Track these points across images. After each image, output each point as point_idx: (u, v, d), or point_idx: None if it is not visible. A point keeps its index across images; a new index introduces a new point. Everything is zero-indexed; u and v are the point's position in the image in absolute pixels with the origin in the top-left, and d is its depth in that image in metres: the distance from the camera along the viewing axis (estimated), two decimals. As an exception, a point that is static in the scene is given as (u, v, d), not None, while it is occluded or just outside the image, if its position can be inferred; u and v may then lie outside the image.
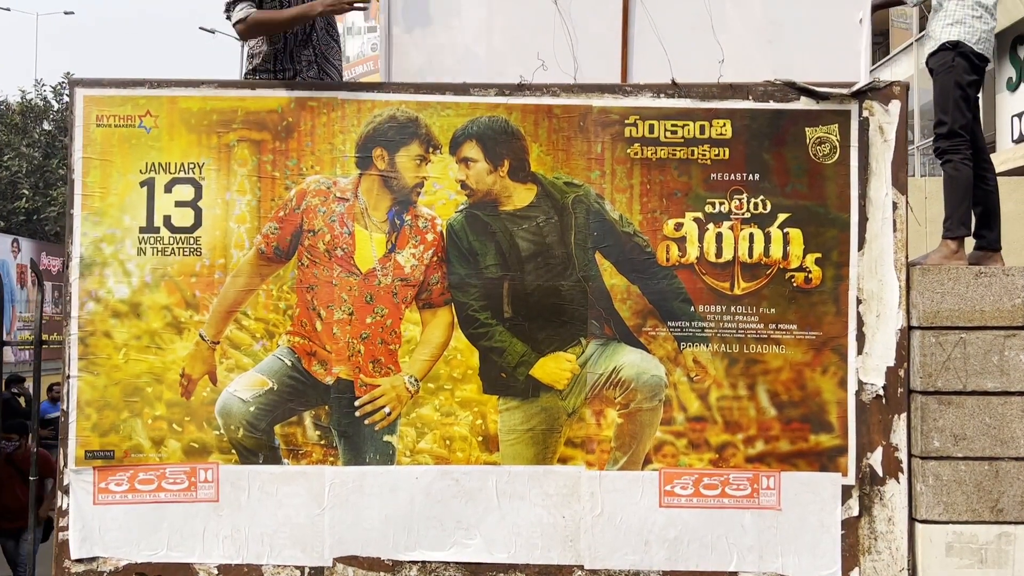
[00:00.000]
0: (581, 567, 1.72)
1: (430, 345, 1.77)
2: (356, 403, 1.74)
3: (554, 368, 1.77)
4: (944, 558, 1.72)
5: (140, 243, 1.73)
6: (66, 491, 1.70)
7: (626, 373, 1.77)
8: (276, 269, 1.76)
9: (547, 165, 1.80)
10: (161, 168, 1.74)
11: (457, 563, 1.73)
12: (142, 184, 1.74)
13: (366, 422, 1.74)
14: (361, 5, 1.84)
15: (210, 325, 1.73)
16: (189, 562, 1.70)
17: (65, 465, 1.70)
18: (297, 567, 1.71)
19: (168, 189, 1.74)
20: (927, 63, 2.03)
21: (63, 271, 1.79)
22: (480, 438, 1.77)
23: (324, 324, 1.75)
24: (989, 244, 1.91)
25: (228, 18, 1.87)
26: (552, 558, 1.72)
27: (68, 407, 1.70)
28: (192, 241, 1.73)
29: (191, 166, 1.74)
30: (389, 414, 1.75)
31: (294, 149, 1.76)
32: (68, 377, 1.71)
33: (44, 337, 2.33)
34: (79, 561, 1.69)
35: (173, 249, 1.74)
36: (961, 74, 1.86)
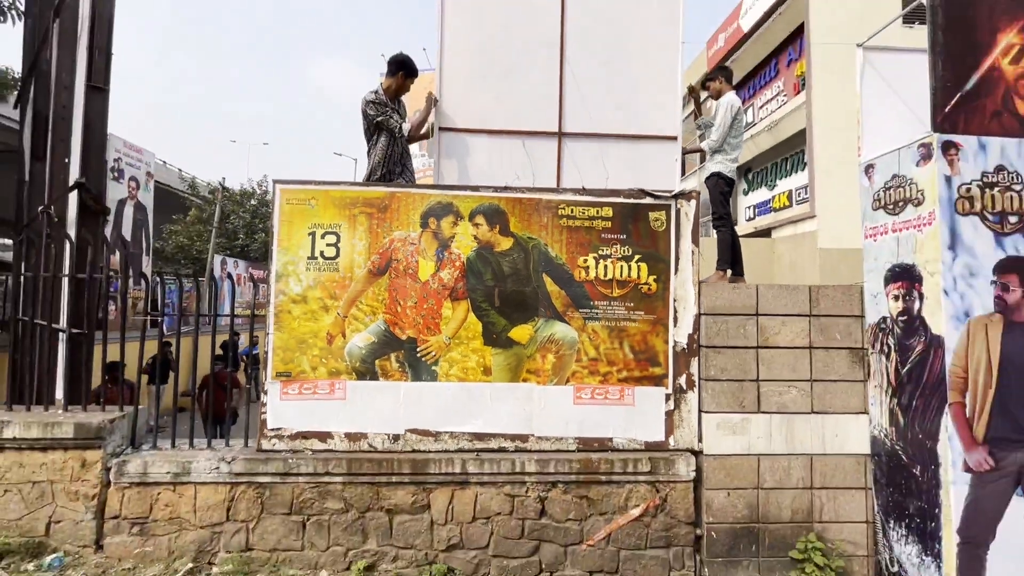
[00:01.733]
0: (532, 434, 3.32)
1: (456, 320, 3.38)
2: (418, 350, 3.34)
3: (521, 332, 3.39)
4: (716, 430, 3.36)
5: (307, 265, 3.32)
6: (265, 392, 3.24)
7: (558, 336, 3.40)
8: (377, 279, 3.35)
9: (519, 228, 3.44)
10: (318, 226, 3.35)
11: (469, 432, 3.30)
12: (308, 234, 3.34)
13: (423, 359, 3.33)
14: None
15: (343, 307, 3.31)
16: (330, 430, 3.24)
17: (265, 379, 3.25)
18: (386, 433, 3.26)
19: (323, 236, 3.34)
20: (705, 181, 3.83)
21: (266, 278, 3.36)
22: (482, 369, 3.36)
23: (401, 308, 3.35)
24: (737, 273, 3.66)
25: (380, 124, 3.62)
26: (518, 429, 3.31)
27: (268, 349, 3.25)
28: (335, 264, 3.33)
29: (335, 225, 3.35)
30: (435, 355, 3.34)
31: (388, 217, 3.39)
32: (267, 333, 3.27)
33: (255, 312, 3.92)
34: (272, 429, 3.22)
35: (324, 268, 3.33)
36: (722, 187, 3.63)
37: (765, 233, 12.23)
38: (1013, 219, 2.92)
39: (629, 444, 3.33)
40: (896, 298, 3.15)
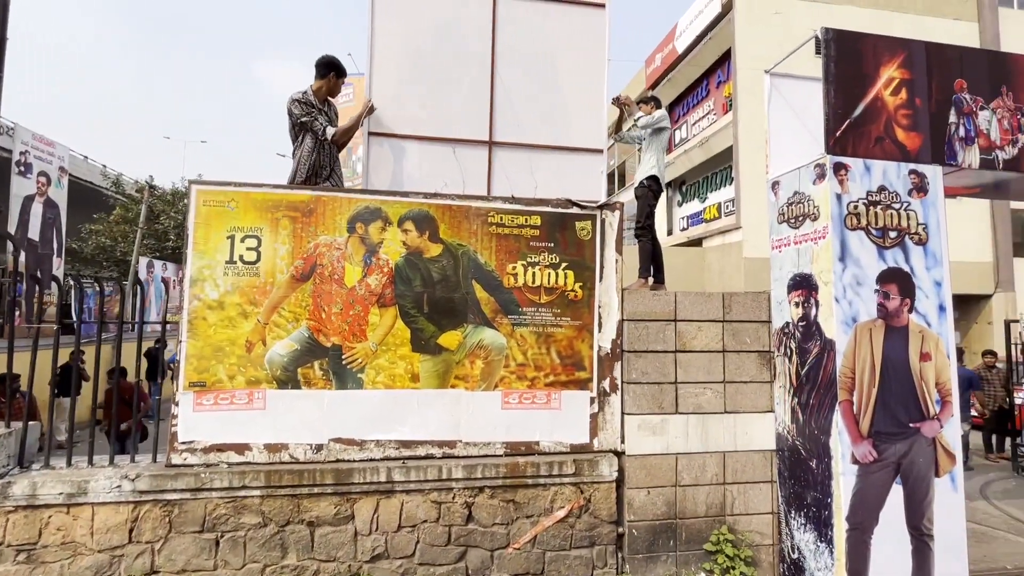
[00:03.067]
0: (460, 440, 3.33)
1: (384, 327, 3.35)
2: (343, 357, 3.27)
3: (450, 339, 3.41)
4: (637, 431, 3.51)
5: (226, 269, 3.18)
6: (177, 404, 3.07)
7: (487, 342, 3.44)
8: (301, 285, 3.26)
9: (449, 235, 3.46)
10: (238, 229, 3.22)
11: (396, 440, 3.27)
12: (227, 237, 3.21)
13: (349, 367, 3.27)
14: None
15: (264, 314, 3.19)
16: (248, 442, 3.11)
17: (177, 389, 3.07)
18: (308, 443, 3.17)
19: (243, 240, 3.22)
20: (635, 192, 4.02)
21: (181, 283, 3.19)
22: (410, 376, 3.34)
23: (326, 315, 3.28)
24: (659, 281, 3.86)
25: (304, 124, 3.54)
26: (446, 435, 3.32)
27: (181, 358, 3.08)
28: (256, 269, 3.21)
29: (256, 228, 3.23)
30: (361, 362, 3.29)
31: (314, 221, 3.31)
32: (180, 341, 3.10)
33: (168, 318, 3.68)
34: (183, 442, 3.04)
35: (244, 272, 3.20)
36: (650, 199, 3.83)
37: (697, 243, 12.89)
38: (893, 234, 3.26)
39: (555, 447, 3.41)
40: (797, 305, 3.42)
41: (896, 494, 3.05)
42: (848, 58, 3.34)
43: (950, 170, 3.43)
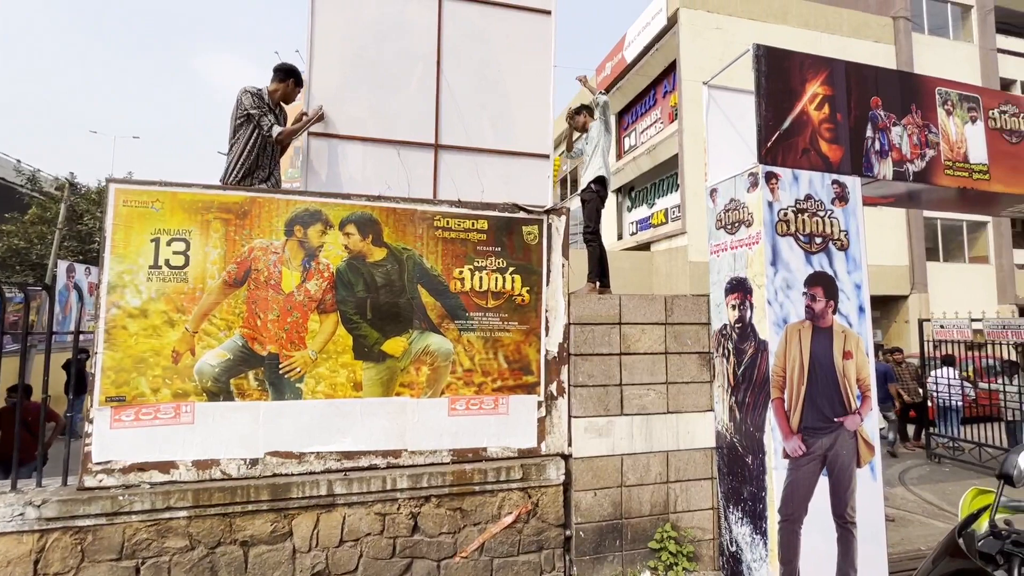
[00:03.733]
0: (406, 449, 3.25)
1: (324, 334, 3.22)
2: (280, 366, 3.12)
3: (395, 345, 3.33)
4: (584, 434, 3.55)
5: (149, 275, 2.97)
6: (91, 422, 2.82)
7: (433, 348, 3.38)
8: (234, 291, 3.09)
9: (393, 238, 3.39)
10: (164, 231, 3.01)
11: (338, 451, 3.15)
12: (151, 240, 2.99)
13: (287, 376, 3.12)
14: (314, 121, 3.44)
15: (193, 322, 3.00)
16: (174, 459, 2.91)
17: (92, 405, 2.83)
18: (242, 458, 3.00)
19: (169, 243, 3.01)
20: (582, 196, 4.09)
21: (96, 289, 2.94)
22: (352, 384, 3.24)
23: (262, 322, 3.12)
24: (604, 285, 3.94)
25: (250, 116, 3.37)
26: (391, 445, 3.23)
27: (96, 371, 2.84)
28: (183, 274, 3.01)
29: (185, 231, 3.04)
30: (300, 372, 3.15)
31: (248, 224, 3.15)
32: (96, 353, 2.86)
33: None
34: (98, 463, 2.80)
35: (170, 278, 3.00)
36: (597, 203, 3.90)
37: (646, 247, 13.29)
38: (818, 240, 3.46)
39: (503, 452, 3.39)
40: (733, 307, 3.57)
41: (823, 485, 3.23)
42: (777, 74, 3.53)
43: (868, 181, 3.68)
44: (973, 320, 6.88)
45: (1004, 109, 4.14)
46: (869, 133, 3.70)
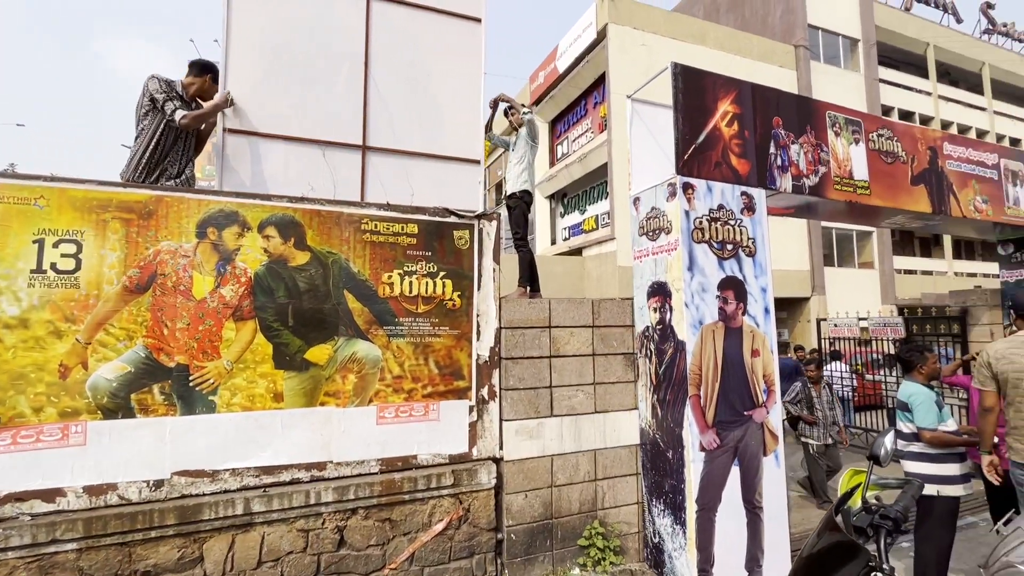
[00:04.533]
0: (331, 461, 3.13)
1: (241, 342, 3.03)
2: (190, 378, 2.90)
3: (319, 353, 3.19)
4: (515, 436, 3.59)
5: (31, 280, 2.65)
6: (-44, 447, 2.46)
7: (360, 355, 3.28)
8: (136, 297, 2.83)
9: (317, 242, 3.26)
10: (50, 232, 2.70)
11: (256, 467, 2.97)
12: (34, 241, 2.67)
13: (198, 389, 2.90)
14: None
15: (85, 332, 2.71)
16: (61, 486, 2.60)
17: (-43, 429, 2.47)
18: (144, 481, 2.75)
19: (56, 245, 2.71)
20: (507, 203, 4.17)
21: (-37, 297, 2.58)
22: (272, 395, 3.07)
23: (169, 331, 2.88)
24: (535, 289, 4.03)
25: (155, 103, 3.08)
26: (315, 457, 3.09)
27: (-38, 389, 2.49)
28: (74, 279, 2.72)
29: (76, 231, 2.74)
30: (213, 383, 2.94)
31: (154, 225, 2.90)
32: (-38, 369, 2.50)
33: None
34: (-34, 494, 2.45)
35: (57, 284, 2.69)
36: (524, 209, 3.97)
37: (578, 252, 13.69)
38: (729, 247, 3.73)
39: (434, 459, 3.35)
40: (655, 310, 3.76)
41: (734, 475, 3.48)
42: (693, 91, 3.78)
43: (771, 193, 4.02)
44: (860, 319, 7.71)
45: (881, 133, 4.69)
46: (772, 150, 4.05)
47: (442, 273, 3.51)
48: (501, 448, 3.50)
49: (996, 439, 3.08)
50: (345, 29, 3.68)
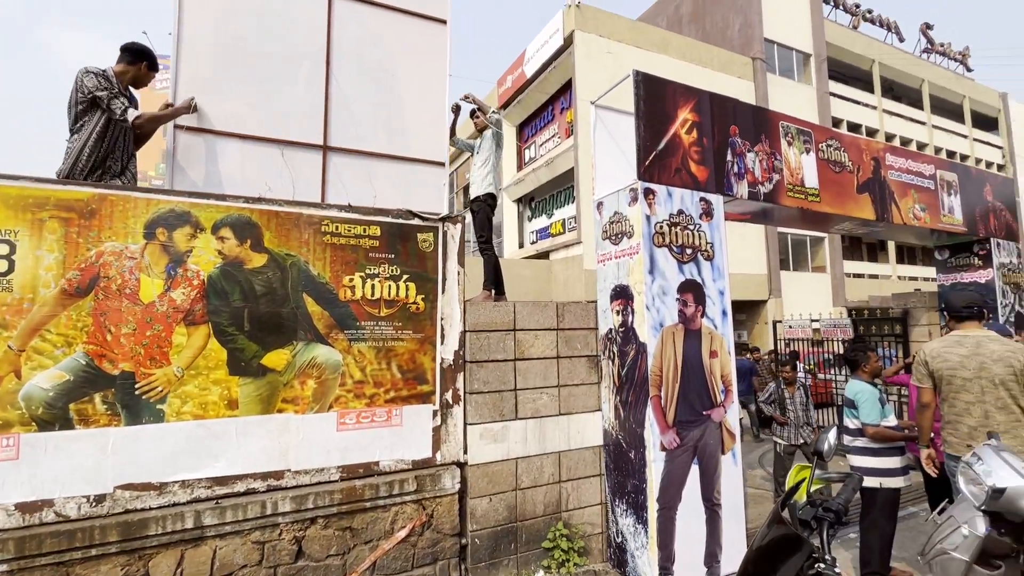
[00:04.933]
0: (289, 469, 3.04)
1: (193, 348, 2.91)
2: (137, 386, 2.75)
3: (277, 358, 3.09)
4: (479, 440, 3.58)
5: (-43, 282, 2.46)
6: None
7: (320, 359, 3.20)
8: (76, 301, 2.67)
9: (275, 244, 3.16)
10: (-21, 231, 2.52)
11: (208, 478, 2.85)
12: (-40, 242, 2.49)
13: (145, 397, 2.76)
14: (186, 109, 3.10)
15: (18, 338, 2.54)
16: (-11, 503, 2.42)
17: None
18: (85, 496, 2.59)
19: (-15, 246, 2.53)
20: (471, 207, 4.17)
21: None
22: (226, 403, 2.95)
23: (113, 336, 2.73)
24: (500, 292, 4.04)
25: (96, 100, 2.93)
26: (272, 466, 2.99)
27: None
28: (5, 282, 2.55)
29: (8, 231, 2.57)
30: (162, 391, 2.81)
31: (97, 225, 2.75)
32: None
33: None
34: None
35: (-13, 287, 2.51)
36: (488, 212, 3.98)
37: (545, 255, 13.80)
38: (689, 251, 3.83)
39: (396, 465, 3.30)
40: (617, 313, 3.82)
41: (694, 473, 3.56)
42: (654, 99, 3.87)
43: (728, 199, 4.16)
44: (813, 321, 8.06)
45: (830, 143, 4.93)
46: (729, 157, 4.19)
47: (405, 276, 3.47)
48: (465, 452, 3.48)
49: (932, 434, 3.27)
50: (306, 25, 3.60)
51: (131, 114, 3.11)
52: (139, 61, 3.27)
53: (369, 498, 3.12)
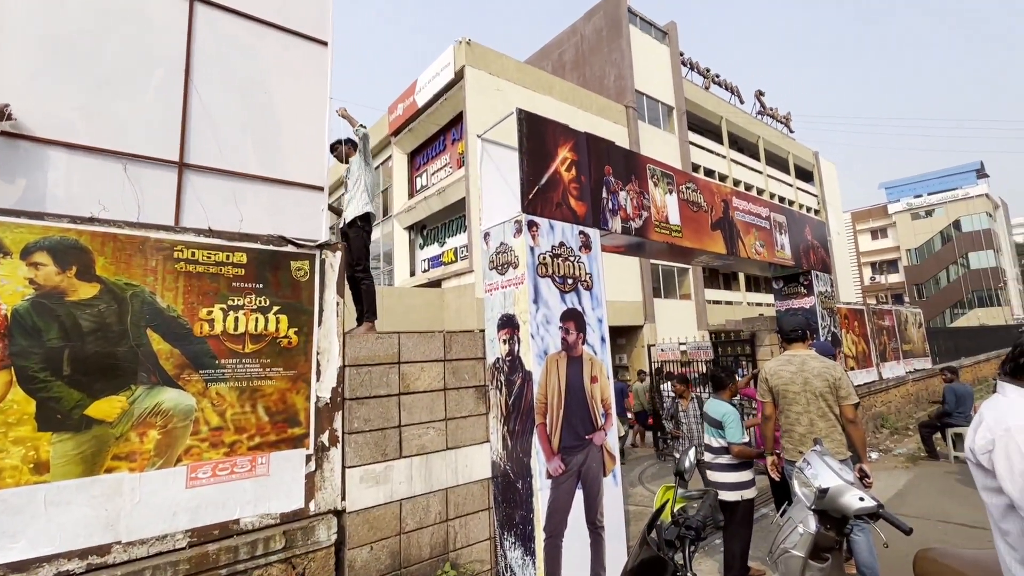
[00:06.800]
0: (119, 541, 2.54)
1: (-14, 400, 2.35)
2: None
3: (107, 407, 2.61)
4: (359, 484, 3.32)
5: None
6: None
7: (166, 405, 2.76)
8: None
9: (112, 272, 2.71)
10: None
11: (2, 564, 2.27)
12: None
13: (-95, 467, 2.14)
14: None
15: None
16: None
17: None
18: None
19: None
20: (348, 228, 4.01)
21: None
22: (31, 466, 2.40)
23: None
24: (373, 320, 3.89)
25: None
26: (96, 540, 2.48)
27: None
28: None
29: None
30: (-66, 458, 2.20)
31: None
32: None
33: None
34: None
35: None
36: (365, 238, 3.83)
37: (437, 284, 13.67)
38: (570, 281, 4.02)
39: (261, 521, 2.92)
40: (504, 342, 3.85)
41: (578, 498, 3.65)
42: (536, 136, 4.07)
43: (604, 233, 4.47)
44: (680, 344, 8.89)
45: (688, 186, 5.56)
46: (604, 194, 4.52)
47: (276, 308, 3.17)
48: (344, 498, 3.20)
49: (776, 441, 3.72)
50: (161, 28, 3.24)
51: None
52: None
53: (225, 563, 2.71)
